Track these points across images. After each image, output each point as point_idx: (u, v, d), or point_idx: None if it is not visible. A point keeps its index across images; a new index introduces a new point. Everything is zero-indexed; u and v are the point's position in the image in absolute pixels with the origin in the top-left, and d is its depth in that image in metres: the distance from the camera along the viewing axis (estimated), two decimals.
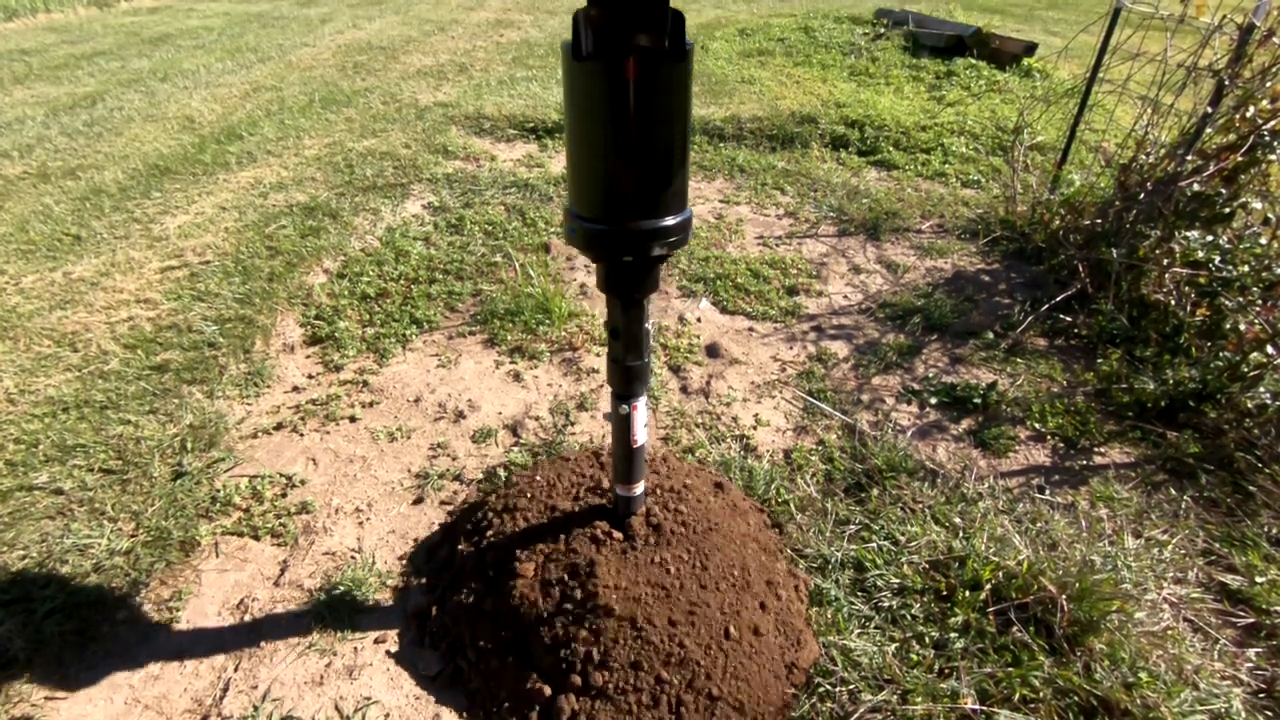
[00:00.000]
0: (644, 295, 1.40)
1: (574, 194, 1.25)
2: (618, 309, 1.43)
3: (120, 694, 1.69)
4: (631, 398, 1.57)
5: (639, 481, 1.78)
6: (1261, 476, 2.30)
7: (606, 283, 1.38)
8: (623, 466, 1.73)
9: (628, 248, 1.24)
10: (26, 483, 2.21)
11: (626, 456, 1.69)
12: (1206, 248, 2.86)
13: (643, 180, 1.17)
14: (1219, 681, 1.71)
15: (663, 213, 1.22)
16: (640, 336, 1.47)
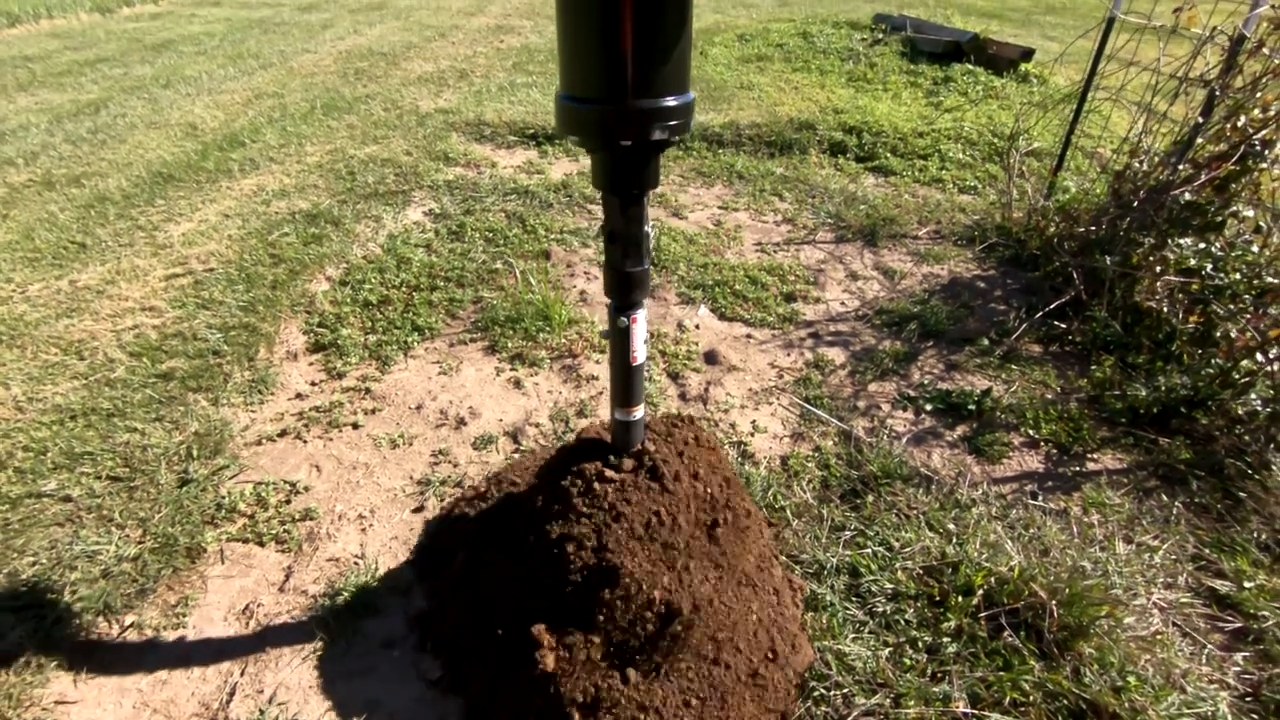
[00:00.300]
0: (644, 191, 1.31)
1: (566, 74, 1.18)
2: (615, 208, 1.33)
3: (129, 698, 1.72)
4: (631, 308, 1.47)
5: (639, 405, 1.63)
6: (1251, 483, 2.34)
7: (602, 177, 1.29)
8: (621, 387, 1.59)
9: (625, 129, 1.16)
10: (35, 490, 2.25)
11: (625, 375, 1.56)
12: (1199, 255, 2.89)
13: (640, 51, 1.09)
14: (1206, 685, 1.74)
15: (662, 91, 1.14)
16: (640, 238, 1.38)
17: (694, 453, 1.79)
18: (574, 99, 1.16)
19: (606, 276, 1.45)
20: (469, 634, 1.80)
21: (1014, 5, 11.59)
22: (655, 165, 1.29)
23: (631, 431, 1.68)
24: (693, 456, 1.78)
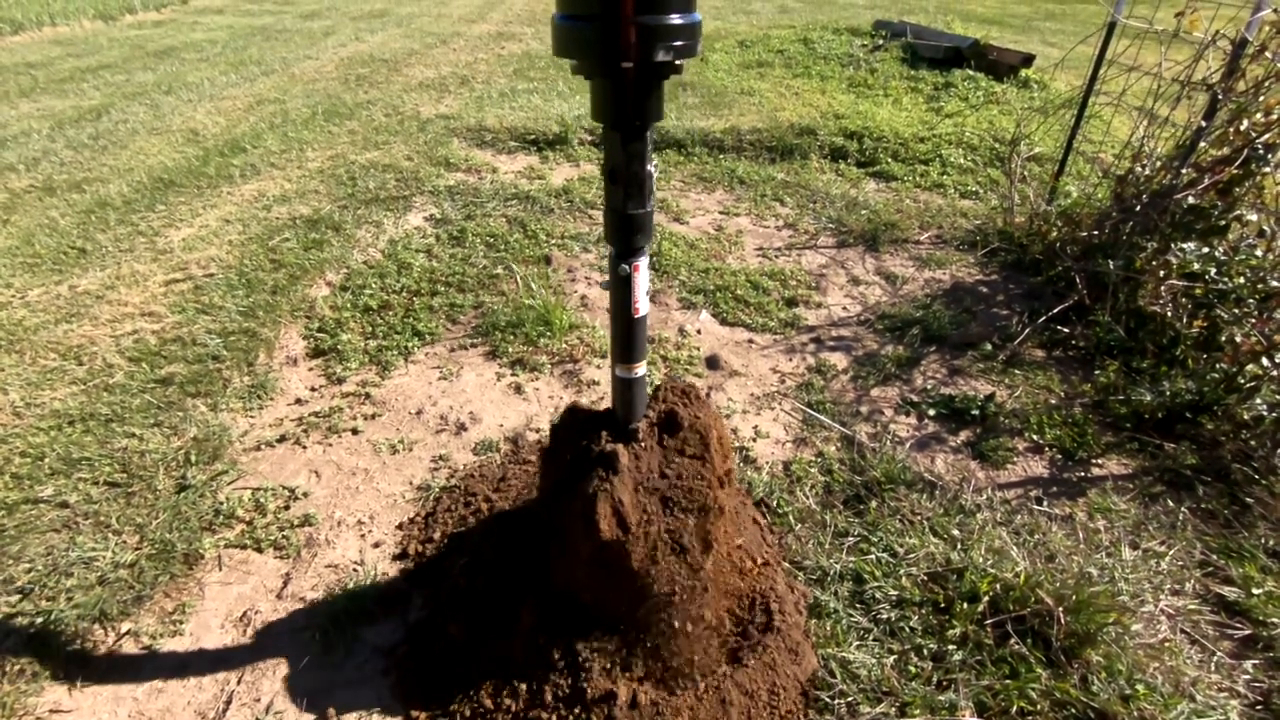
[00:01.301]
0: (647, 123, 1.21)
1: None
2: (616, 143, 1.24)
3: (124, 707, 1.70)
4: (633, 255, 1.37)
5: (641, 361, 1.52)
6: (1258, 488, 2.32)
7: (603, 108, 1.19)
8: (622, 341, 1.49)
9: (626, 50, 1.06)
10: (32, 496, 2.23)
11: (627, 329, 1.46)
12: (1202, 260, 2.88)
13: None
14: (1216, 694, 1.72)
15: (666, 7, 1.05)
16: (643, 178, 1.28)
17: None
18: (571, 17, 1.08)
19: (607, 220, 1.36)
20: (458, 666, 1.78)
21: (1014, 11, 11.62)
22: (659, 95, 1.19)
23: (633, 390, 1.56)
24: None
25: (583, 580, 1.62)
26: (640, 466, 1.57)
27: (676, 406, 1.65)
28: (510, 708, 1.65)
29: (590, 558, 1.54)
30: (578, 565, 1.59)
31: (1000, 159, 5.02)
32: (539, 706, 1.63)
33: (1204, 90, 3.11)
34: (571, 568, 1.63)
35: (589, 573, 1.58)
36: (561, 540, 1.63)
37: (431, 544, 2.13)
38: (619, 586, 1.56)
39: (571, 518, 1.54)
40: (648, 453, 1.58)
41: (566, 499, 1.58)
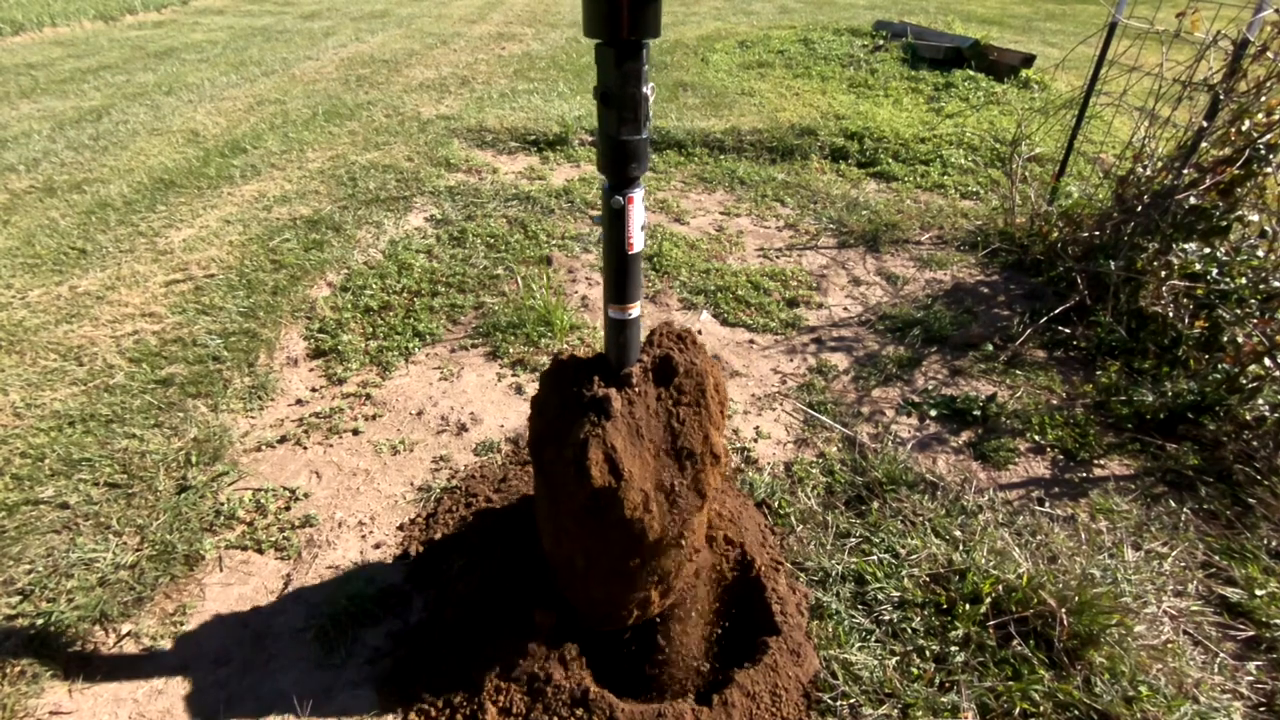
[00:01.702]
0: (643, 38, 1.13)
1: None
2: (609, 61, 1.15)
3: (125, 708, 1.70)
4: (627, 186, 1.29)
5: (636, 301, 1.45)
6: (1260, 489, 2.31)
7: (595, 20, 1.12)
8: (616, 279, 1.40)
9: None
10: (33, 497, 2.23)
11: (621, 266, 1.38)
12: (1204, 260, 2.88)
13: None
14: (1219, 695, 1.72)
15: None
16: (639, 101, 1.19)
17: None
18: None
19: (600, 148, 1.27)
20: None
21: (1014, 12, 11.62)
22: (657, 7, 1.11)
23: (627, 332, 1.48)
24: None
25: (574, 532, 1.53)
26: (634, 412, 1.49)
27: (672, 351, 1.58)
28: (513, 709, 1.64)
29: (581, 508, 1.46)
30: (568, 517, 1.51)
31: (1001, 159, 5.02)
32: (541, 707, 1.63)
33: (1205, 90, 3.11)
34: (560, 520, 1.55)
35: (580, 524, 1.50)
36: (551, 492, 1.54)
37: (432, 545, 2.13)
38: (610, 539, 1.49)
39: (562, 465, 1.46)
40: (642, 398, 1.51)
41: (556, 446, 1.50)
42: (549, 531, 1.64)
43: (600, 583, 1.60)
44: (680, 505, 1.53)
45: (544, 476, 1.55)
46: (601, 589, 1.61)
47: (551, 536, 1.63)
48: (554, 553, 1.67)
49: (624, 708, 1.62)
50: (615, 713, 1.60)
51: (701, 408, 1.55)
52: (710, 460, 1.55)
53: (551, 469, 1.51)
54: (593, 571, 1.58)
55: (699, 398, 1.56)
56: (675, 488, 1.52)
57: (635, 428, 1.48)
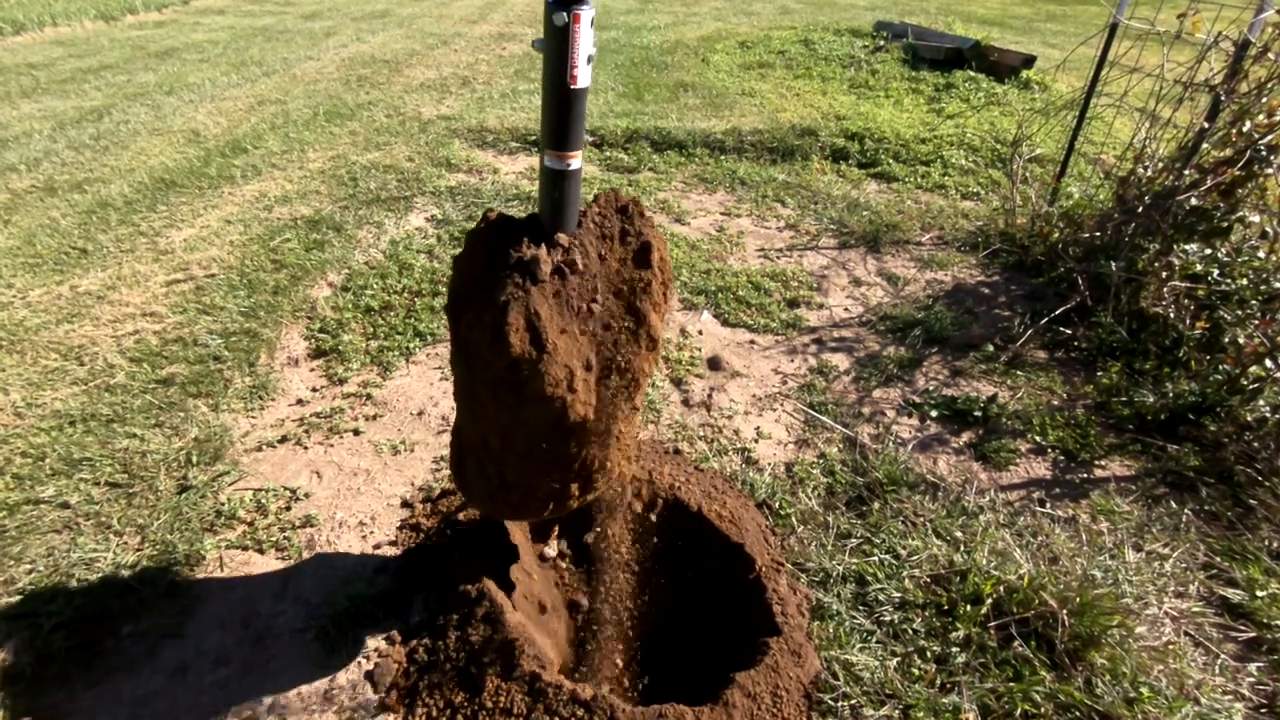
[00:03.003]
0: None
1: None
2: None
3: (125, 709, 1.70)
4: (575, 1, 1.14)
5: (577, 150, 1.29)
6: (1261, 490, 2.31)
7: None
8: (554, 117, 1.24)
9: None
10: (33, 496, 2.23)
11: (562, 102, 1.22)
12: (1205, 261, 2.88)
13: None
14: (1220, 697, 1.71)
15: None
16: None
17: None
18: None
19: None
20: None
21: (1015, 13, 11.62)
22: None
23: (565, 187, 1.31)
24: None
25: (489, 407, 1.38)
26: (566, 279, 1.34)
27: (612, 218, 1.43)
28: (513, 709, 1.64)
29: (497, 379, 1.32)
30: (483, 389, 1.37)
31: (1002, 160, 5.02)
32: (542, 707, 1.63)
33: (1206, 91, 3.11)
34: (475, 393, 1.40)
35: (495, 398, 1.35)
36: (467, 360, 1.39)
37: (433, 545, 2.12)
38: (528, 417, 1.35)
39: (479, 330, 1.31)
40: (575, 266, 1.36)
41: (476, 311, 1.34)
42: (463, 407, 1.50)
43: (515, 467, 1.46)
44: (609, 389, 1.39)
45: (460, 344, 1.40)
46: (516, 472, 1.47)
47: (466, 412, 1.49)
48: (467, 431, 1.52)
49: (624, 708, 1.62)
50: (616, 713, 1.60)
51: (644, 283, 1.41)
52: (646, 343, 1.42)
53: (469, 334, 1.35)
54: (507, 453, 1.45)
55: (641, 271, 1.41)
56: (609, 368, 1.38)
57: (566, 298, 1.34)
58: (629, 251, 1.42)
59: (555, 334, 1.29)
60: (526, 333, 1.27)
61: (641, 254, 1.43)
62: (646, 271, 1.42)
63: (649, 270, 1.42)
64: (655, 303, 1.44)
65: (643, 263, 1.43)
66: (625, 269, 1.41)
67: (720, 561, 2.07)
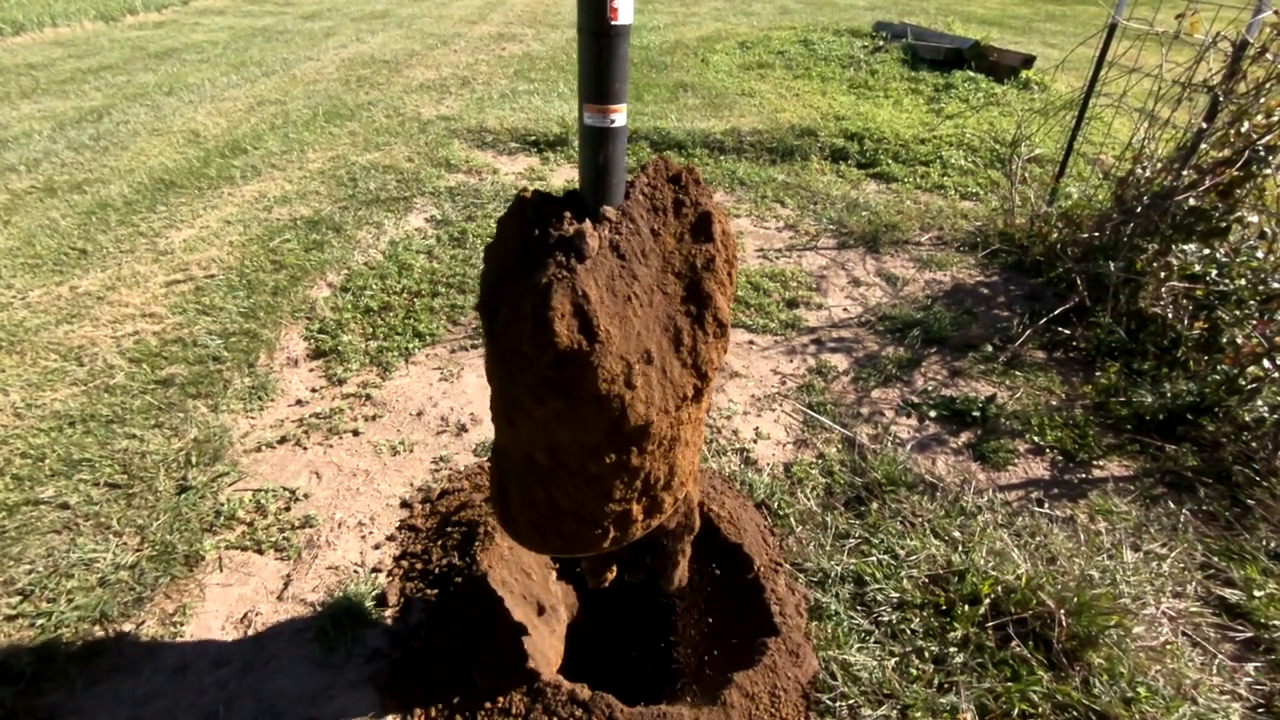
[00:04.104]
0: None
1: None
2: None
3: (125, 708, 1.70)
4: None
5: (621, 102, 1.09)
6: (1259, 490, 2.31)
7: None
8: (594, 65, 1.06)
9: None
10: (33, 497, 2.23)
11: (601, 43, 1.04)
12: (1203, 261, 2.88)
13: None
14: (1218, 696, 1.72)
15: None
16: None
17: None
18: None
19: None
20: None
21: (1014, 13, 11.62)
22: None
23: (609, 148, 1.12)
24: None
25: (533, 415, 1.17)
26: (617, 258, 1.16)
27: (663, 188, 1.24)
28: (513, 709, 1.64)
29: (541, 379, 1.11)
30: (525, 394, 1.15)
31: (1001, 160, 5.02)
32: (541, 707, 1.63)
33: (1205, 92, 3.11)
34: (516, 400, 1.19)
35: (540, 402, 1.14)
36: (505, 362, 1.17)
37: (433, 545, 2.13)
38: (580, 422, 1.15)
39: (518, 324, 1.11)
40: (627, 242, 1.17)
41: (512, 302, 1.14)
42: (502, 421, 1.29)
43: (566, 487, 1.26)
44: (672, 385, 1.19)
45: (496, 343, 1.18)
46: (568, 495, 1.27)
47: (506, 427, 1.28)
48: (509, 450, 1.32)
49: (623, 708, 1.62)
50: (615, 713, 1.60)
51: (706, 259, 1.23)
52: (714, 330, 1.23)
53: (505, 331, 1.14)
54: (557, 471, 1.24)
55: (703, 246, 1.22)
56: (667, 362, 1.18)
57: (616, 277, 1.15)
58: (685, 225, 1.23)
59: (608, 320, 1.10)
60: (574, 319, 1.07)
61: (701, 226, 1.23)
62: (709, 246, 1.23)
63: (711, 244, 1.23)
64: (720, 281, 1.24)
65: (703, 236, 1.23)
66: (683, 245, 1.22)
67: (719, 561, 2.07)
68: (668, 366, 1.19)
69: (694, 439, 1.36)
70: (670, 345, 1.20)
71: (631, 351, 1.13)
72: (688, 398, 1.23)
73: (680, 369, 1.20)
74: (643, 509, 1.34)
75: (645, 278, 1.18)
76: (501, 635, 1.76)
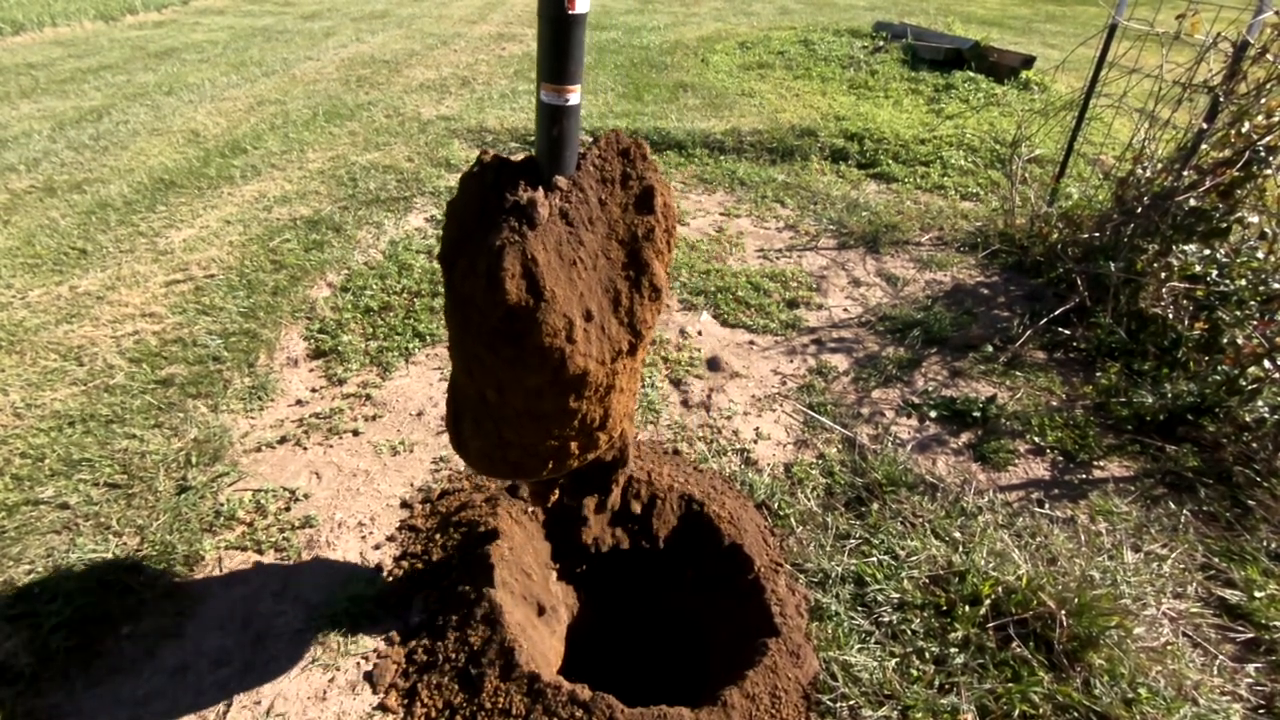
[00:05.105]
0: None
1: None
2: None
3: (125, 710, 1.70)
4: None
5: (576, 84, 1.21)
6: (1260, 490, 2.31)
7: None
8: (552, 46, 1.17)
9: None
10: (33, 497, 2.23)
11: (558, 28, 1.14)
12: (1204, 262, 2.88)
13: None
14: (1218, 697, 1.72)
15: None
16: None
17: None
18: None
19: None
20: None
21: (1014, 13, 11.62)
22: None
23: (563, 124, 1.24)
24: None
25: (485, 360, 1.33)
26: (564, 224, 1.29)
27: (613, 160, 1.35)
28: (512, 709, 1.64)
29: (493, 330, 1.26)
30: (478, 341, 1.31)
31: (1001, 161, 5.02)
32: (541, 708, 1.63)
33: (1205, 92, 3.11)
34: (471, 346, 1.35)
35: (492, 350, 1.30)
36: (461, 311, 1.32)
37: (433, 545, 2.13)
38: (525, 369, 1.29)
39: (473, 279, 1.25)
40: (575, 210, 1.30)
41: (469, 258, 1.28)
42: (458, 362, 1.45)
43: (513, 423, 1.42)
44: (609, 340, 1.33)
45: (454, 294, 1.33)
46: (514, 430, 1.43)
47: (461, 367, 1.44)
48: (463, 387, 1.48)
49: (624, 709, 1.62)
50: (615, 714, 1.60)
51: (646, 229, 1.35)
52: (650, 293, 1.36)
53: (463, 284, 1.29)
54: (505, 409, 1.40)
55: (644, 217, 1.35)
56: (606, 320, 1.32)
57: (564, 243, 1.28)
58: (630, 196, 1.35)
59: (553, 281, 1.23)
60: (523, 280, 1.21)
61: (644, 199, 1.35)
62: (649, 217, 1.35)
63: (652, 216, 1.35)
64: (658, 250, 1.38)
65: (645, 208, 1.35)
66: (627, 215, 1.35)
67: (719, 562, 2.07)
68: (606, 324, 1.33)
69: (629, 386, 1.53)
70: (609, 305, 1.34)
71: (574, 310, 1.27)
72: (623, 352, 1.37)
73: (618, 326, 1.35)
74: (579, 445, 1.50)
75: (591, 243, 1.32)
76: (501, 636, 1.75)
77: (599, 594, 2.22)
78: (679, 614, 2.18)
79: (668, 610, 2.20)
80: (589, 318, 1.30)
